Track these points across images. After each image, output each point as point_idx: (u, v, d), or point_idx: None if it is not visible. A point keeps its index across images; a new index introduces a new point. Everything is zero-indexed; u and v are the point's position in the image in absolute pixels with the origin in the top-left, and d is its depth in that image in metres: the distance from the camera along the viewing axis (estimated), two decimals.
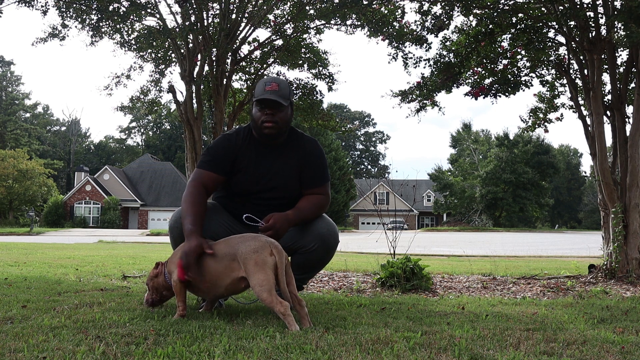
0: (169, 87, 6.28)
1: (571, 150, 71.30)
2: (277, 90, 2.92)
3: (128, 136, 72.84)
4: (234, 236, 2.68)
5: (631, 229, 4.90)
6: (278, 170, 3.02)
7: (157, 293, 2.82)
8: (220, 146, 3.01)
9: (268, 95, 2.88)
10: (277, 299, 2.42)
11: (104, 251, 10.49)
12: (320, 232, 2.96)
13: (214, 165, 2.95)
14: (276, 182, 3.02)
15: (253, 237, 2.58)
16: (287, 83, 3.03)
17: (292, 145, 3.06)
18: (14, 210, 42.97)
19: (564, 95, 6.26)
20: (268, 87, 2.92)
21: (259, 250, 2.50)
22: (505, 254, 11.78)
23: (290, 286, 2.54)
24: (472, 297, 3.80)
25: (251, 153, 3.01)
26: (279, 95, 2.91)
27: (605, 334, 2.39)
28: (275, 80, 2.97)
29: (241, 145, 3.01)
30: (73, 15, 5.89)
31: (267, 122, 2.91)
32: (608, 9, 4.99)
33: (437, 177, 50.82)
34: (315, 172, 3.05)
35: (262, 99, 2.90)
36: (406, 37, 5.85)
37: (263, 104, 2.91)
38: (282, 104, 2.91)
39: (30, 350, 1.94)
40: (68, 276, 4.90)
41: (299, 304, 2.50)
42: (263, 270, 2.45)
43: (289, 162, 3.03)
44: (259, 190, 3.01)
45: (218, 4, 5.96)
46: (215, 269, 2.58)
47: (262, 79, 3.06)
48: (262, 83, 2.96)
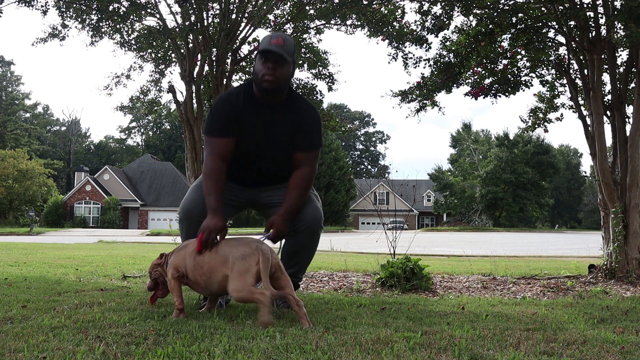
0: (169, 87, 6.29)
1: (571, 150, 71.29)
2: (282, 45, 2.91)
3: (128, 136, 72.86)
4: (235, 237, 2.78)
5: (631, 229, 4.89)
6: (274, 134, 3.04)
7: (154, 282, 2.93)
8: (223, 110, 3.02)
9: (273, 48, 2.88)
10: (256, 292, 2.52)
11: (104, 251, 10.49)
12: (306, 217, 3.06)
13: (224, 130, 2.97)
14: (274, 143, 3.05)
15: (246, 243, 2.66)
16: (293, 41, 3.02)
17: (290, 108, 3.06)
18: (14, 210, 42.97)
19: (564, 95, 6.27)
20: (274, 40, 2.92)
21: (247, 257, 2.59)
22: (505, 254, 11.78)
23: (287, 288, 2.60)
24: (472, 297, 3.80)
25: (251, 114, 3.02)
26: (284, 50, 2.91)
27: (605, 334, 2.39)
28: (281, 35, 2.97)
29: (241, 106, 3.02)
30: (73, 15, 5.89)
31: (267, 75, 2.91)
32: (608, 9, 4.99)
33: (437, 177, 50.81)
34: (306, 138, 3.06)
35: (266, 50, 2.89)
36: (406, 37, 5.85)
37: (266, 56, 2.90)
38: (285, 58, 2.90)
39: (30, 350, 1.94)
40: (68, 276, 4.89)
41: (297, 305, 2.54)
42: (243, 277, 2.56)
43: (285, 125, 3.05)
44: (258, 151, 3.05)
45: (218, 4, 5.96)
46: (211, 264, 2.68)
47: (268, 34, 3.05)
48: (268, 37, 2.96)
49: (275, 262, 2.64)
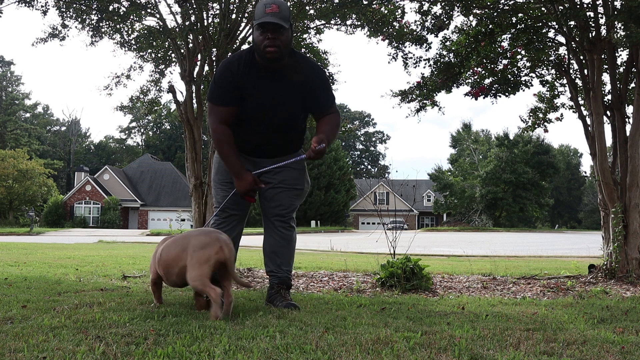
0: (169, 87, 6.28)
1: (571, 150, 71.27)
2: (277, 12, 2.90)
3: (128, 136, 72.85)
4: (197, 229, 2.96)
5: (631, 229, 4.89)
6: (280, 96, 3.07)
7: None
8: (224, 77, 3.06)
9: (269, 18, 2.88)
10: (209, 286, 2.63)
11: (104, 251, 10.49)
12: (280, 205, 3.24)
13: (227, 98, 3.05)
14: (279, 108, 3.09)
15: (206, 233, 2.77)
16: (286, 4, 3.01)
17: (294, 69, 3.06)
18: (14, 210, 42.96)
19: (564, 95, 6.27)
20: (268, 9, 2.91)
21: (206, 247, 2.69)
22: (505, 254, 11.78)
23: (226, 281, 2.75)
24: (472, 297, 3.80)
25: (254, 80, 3.04)
26: (280, 18, 2.90)
27: (605, 334, 2.39)
28: (275, 1, 2.94)
29: (242, 72, 3.04)
30: (73, 16, 5.88)
31: (269, 46, 2.92)
32: (608, 9, 4.99)
33: (437, 177, 50.80)
34: (322, 95, 3.13)
35: (264, 22, 2.90)
36: (406, 37, 5.84)
37: (264, 27, 2.91)
38: (283, 26, 2.90)
39: (30, 350, 1.94)
40: (68, 276, 4.90)
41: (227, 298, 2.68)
42: (200, 267, 2.65)
43: (291, 89, 3.07)
44: (263, 117, 3.09)
45: (218, 4, 5.95)
46: (169, 255, 2.82)
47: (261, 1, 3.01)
48: (262, 5, 2.94)
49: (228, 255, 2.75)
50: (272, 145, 3.19)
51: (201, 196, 5.92)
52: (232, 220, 3.29)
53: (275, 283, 3.24)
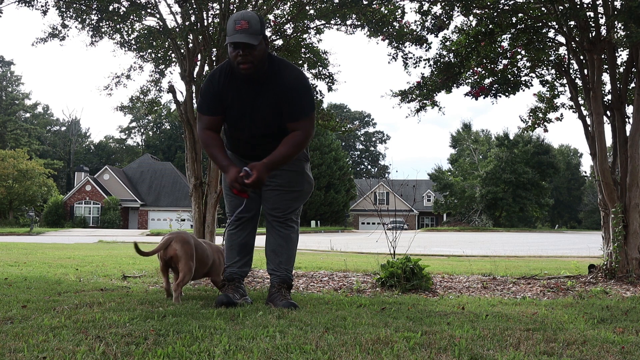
0: (169, 87, 6.27)
1: (571, 150, 71.26)
2: (247, 28, 2.91)
3: (128, 136, 72.83)
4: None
5: (631, 229, 4.89)
6: (258, 106, 3.11)
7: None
8: (208, 90, 3.16)
9: (239, 38, 2.89)
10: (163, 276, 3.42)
11: (104, 251, 10.49)
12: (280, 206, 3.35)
13: (211, 109, 3.16)
14: (257, 118, 3.14)
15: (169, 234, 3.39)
16: (257, 17, 3.00)
17: (273, 78, 3.08)
18: (14, 210, 42.95)
19: (564, 95, 6.26)
20: (238, 26, 2.92)
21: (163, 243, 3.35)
22: (505, 254, 11.78)
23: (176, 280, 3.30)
24: (472, 297, 3.80)
25: (233, 91, 3.12)
26: (250, 34, 2.90)
27: (605, 334, 2.39)
28: (244, 17, 2.95)
29: (224, 84, 3.11)
30: (73, 15, 5.87)
31: (242, 63, 2.96)
32: (608, 9, 4.99)
33: (437, 177, 50.80)
34: (293, 108, 3.09)
35: (233, 43, 2.93)
36: (406, 37, 5.84)
37: (235, 45, 2.94)
38: (253, 44, 2.91)
39: (30, 350, 1.94)
40: (68, 276, 4.90)
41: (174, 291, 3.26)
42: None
43: (268, 99, 3.10)
44: (245, 125, 3.17)
45: (218, 4, 5.95)
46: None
47: (232, 15, 3.03)
48: (232, 21, 2.96)
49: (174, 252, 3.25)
50: (262, 149, 3.19)
51: (201, 196, 5.92)
52: (242, 221, 3.42)
53: (276, 282, 3.25)
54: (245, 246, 3.41)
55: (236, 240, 3.40)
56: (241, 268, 3.37)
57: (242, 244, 3.40)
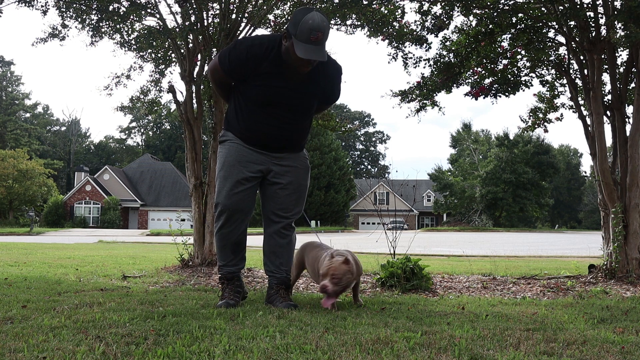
0: (169, 87, 6.28)
1: (571, 150, 71.28)
2: (321, 40, 2.88)
3: (128, 136, 72.84)
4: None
5: (631, 229, 4.89)
6: (298, 88, 3.09)
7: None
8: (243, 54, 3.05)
9: (314, 54, 2.87)
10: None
11: (104, 251, 10.49)
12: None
13: (230, 72, 3.11)
14: (295, 99, 3.11)
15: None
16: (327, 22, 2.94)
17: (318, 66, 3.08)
18: (14, 210, 42.94)
19: (564, 95, 6.26)
20: (313, 37, 2.86)
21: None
22: (505, 254, 11.78)
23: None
24: (472, 297, 3.80)
25: (275, 67, 3.05)
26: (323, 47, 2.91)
27: (605, 334, 2.39)
28: (320, 27, 2.86)
29: (266, 57, 3.03)
30: (73, 15, 5.88)
31: (305, 67, 2.99)
32: (608, 9, 4.99)
33: (437, 177, 50.80)
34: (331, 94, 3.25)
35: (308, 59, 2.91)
36: (406, 37, 5.84)
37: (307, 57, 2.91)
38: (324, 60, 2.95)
39: (30, 350, 1.94)
40: (68, 276, 4.90)
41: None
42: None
43: (312, 84, 3.11)
44: (278, 105, 3.11)
45: (218, 4, 5.95)
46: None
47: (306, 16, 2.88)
48: (308, 27, 2.85)
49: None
50: (279, 138, 3.17)
51: (201, 196, 5.92)
52: (235, 220, 3.22)
53: (275, 283, 3.25)
54: (239, 244, 3.30)
55: (230, 239, 3.26)
56: (237, 265, 3.31)
57: (235, 243, 3.28)
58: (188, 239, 5.76)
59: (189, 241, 5.80)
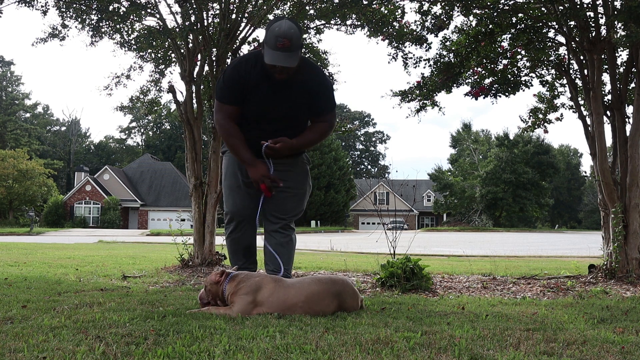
0: (169, 87, 6.28)
1: (571, 150, 71.26)
2: (289, 46, 2.91)
3: (128, 136, 72.82)
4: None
5: (631, 229, 4.89)
6: (286, 99, 3.15)
7: (212, 298, 2.91)
8: (232, 79, 3.14)
9: (278, 60, 2.91)
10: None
11: (104, 251, 10.49)
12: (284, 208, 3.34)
13: (232, 98, 3.15)
14: (284, 111, 3.18)
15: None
16: (298, 31, 2.97)
17: (299, 76, 3.12)
18: (14, 210, 42.94)
19: (564, 95, 6.26)
20: (279, 43, 2.90)
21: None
22: (505, 254, 11.78)
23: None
24: (472, 297, 3.79)
25: (261, 83, 3.11)
26: (292, 53, 2.92)
27: (605, 334, 2.39)
28: (286, 35, 2.91)
29: (251, 75, 3.10)
30: (73, 15, 5.88)
31: (278, 73, 3.01)
32: (608, 9, 4.98)
33: (437, 177, 50.80)
34: (320, 103, 3.21)
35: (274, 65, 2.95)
36: (406, 37, 5.84)
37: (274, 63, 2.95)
38: (293, 66, 2.96)
39: (30, 350, 1.94)
40: (68, 276, 4.90)
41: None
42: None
43: (298, 93, 3.14)
44: (267, 117, 3.19)
45: (218, 4, 5.95)
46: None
47: (274, 24, 2.97)
48: (274, 36, 2.91)
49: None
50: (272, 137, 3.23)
51: (201, 196, 5.92)
52: (244, 225, 3.41)
53: None
54: (250, 248, 3.48)
55: (240, 243, 3.46)
56: (249, 268, 3.47)
57: (246, 247, 3.47)
58: (188, 239, 5.76)
59: (189, 241, 5.80)
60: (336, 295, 2.84)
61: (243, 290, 2.77)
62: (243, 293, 2.76)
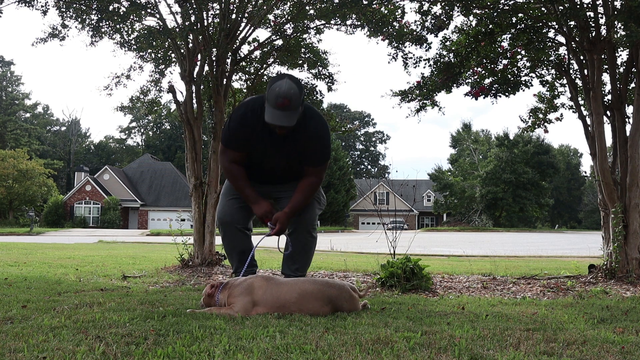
0: (169, 87, 6.28)
1: (571, 150, 71.25)
2: (288, 106, 3.01)
3: (128, 136, 72.80)
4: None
5: (631, 229, 4.89)
6: (285, 152, 3.28)
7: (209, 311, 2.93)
8: (239, 129, 3.27)
9: (279, 120, 3.02)
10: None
11: (104, 251, 10.49)
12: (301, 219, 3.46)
13: (238, 145, 3.32)
14: (281, 164, 3.36)
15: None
16: (298, 89, 3.05)
17: (301, 127, 3.21)
18: (14, 210, 42.93)
19: (564, 95, 6.26)
20: (279, 102, 3.00)
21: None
22: (505, 254, 11.78)
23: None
24: (472, 297, 3.80)
25: (264, 134, 3.24)
26: (291, 111, 3.02)
27: (605, 334, 2.39)
28: (287, 94, 3.00)
29: (255, 126, 3.23)
30: (73, 15, 5.87)
31: (279, 129, 3.14)
32: (608, 9, 4.99)
33: (437, 177, 50.80)
34: (315, 155, 3.31)
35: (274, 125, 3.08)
36: (406, 37, 5.84)
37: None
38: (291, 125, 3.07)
39: (30, 350, 1.94)
40: (68, 276, 4.90)
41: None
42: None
43: (296, 145, 3.26)
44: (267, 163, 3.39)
45: (218, 4, 5.95)
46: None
47: (275, 84, 3.05)
48: (275, 94, 3.01)
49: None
50: (279, 178, 3.49)
51: (201, 196, 5.92)
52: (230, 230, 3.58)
53: None
54: (244, 253, 3.59)
55: (233, 249, 3.62)
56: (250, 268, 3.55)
57: (240, 252, 3.60)
58: (188, 239, 5.76)
59: (189, 241, 5.80)
60: (331, 298, 2.85)
61: (238, 292, 2.82)
62: (238, 294, 2.81)
